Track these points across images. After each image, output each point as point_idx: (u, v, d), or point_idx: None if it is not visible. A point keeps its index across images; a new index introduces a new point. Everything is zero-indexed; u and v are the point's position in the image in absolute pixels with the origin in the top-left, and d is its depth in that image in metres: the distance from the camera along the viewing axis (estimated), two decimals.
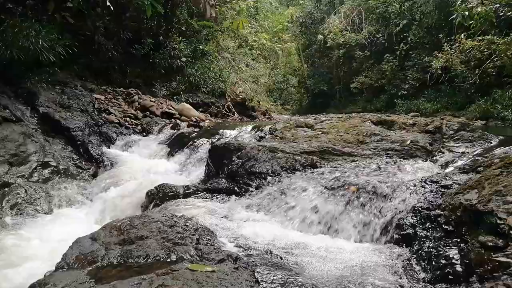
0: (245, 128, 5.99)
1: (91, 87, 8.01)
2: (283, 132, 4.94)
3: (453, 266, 1.90)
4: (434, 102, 19.09)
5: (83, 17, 7.86)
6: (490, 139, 4.28)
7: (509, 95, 13.75)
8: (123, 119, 7.26)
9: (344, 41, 25.24)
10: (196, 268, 1.75)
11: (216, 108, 11.03)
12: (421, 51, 20.86)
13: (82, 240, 2.14)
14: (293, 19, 29.85)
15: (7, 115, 5.40)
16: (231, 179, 3.80)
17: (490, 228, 1.90)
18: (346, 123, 5.08)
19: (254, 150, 3.98)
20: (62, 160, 5.58)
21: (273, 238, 2.52)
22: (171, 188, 3.84)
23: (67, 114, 6.41)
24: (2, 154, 4.87)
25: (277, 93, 31.16)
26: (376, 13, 24.35)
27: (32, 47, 5.65)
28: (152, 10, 7.74)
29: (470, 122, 5.46)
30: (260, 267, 1.98)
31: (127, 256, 1.92)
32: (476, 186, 2.29)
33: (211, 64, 11.97)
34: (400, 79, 22.16)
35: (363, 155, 3.86)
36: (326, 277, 1.95)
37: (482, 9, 10.52)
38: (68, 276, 1.74)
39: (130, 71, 9.80)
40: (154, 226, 2.25)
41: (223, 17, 13.57)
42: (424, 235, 2.27)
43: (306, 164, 3.62)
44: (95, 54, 8.63)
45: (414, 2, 21.31)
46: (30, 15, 6.49)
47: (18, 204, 4.47)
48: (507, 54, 12.66)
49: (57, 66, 6.70)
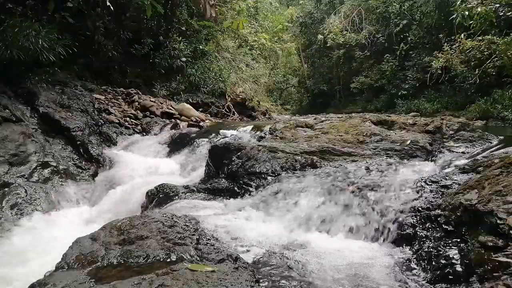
0: (245, 128, 5.99)
1: (91, 87, 8.01)
2: (283, 132, 4.94)
3: (453, 266, 1.90)
4: (434, 102, 19.09)
5: (83, 17, 7.86)
6: (490, 139, 4.28)
7: (509, 95, 13.76)
8: (123, 119, 7.26)
9: (344, 41, 25.26)
10: (196, 268, 1.75)
11: (216, 108, 11.03)
12: (421, 51, 20.87)
13: (82, 240, 2.14)
14: (293, 19, 29.86)
15: (7, 115, 5.40)
16: (231, 179, 3.80)
17: (490, 228, 1.90)
18: (346, 123, 5.08)
19: (254, 150, 3.98)
20: (62, 160, 5.58)
21: (273, 238, 2.52)
22: (171, 188, 3.84)
23: (67, 114, 6.41)
24: (2, 154, 4.87)
25: (277, 93, 31.17)
26: (376, 13, 24.36)
27: (32, 47, 5.64)
28: (152, 10, 7.74)
29: (470, 122, 5.47)
30: (260, 267, 1.98)
31: (127, 256, 1.92)
32: (476, 186, 2.29)
33: (211, 64, 11.97)
34: (400, 79, 22.18)
35: (363, 155, 3.87)
36: (326, 276, 1.95)
37: (482, 9, 10.52)
38: (68, 276, 1.74)
39: (130, 71, 9.79)
40: (154, 226, 2.25)
41: (223, 17, 13.57)
42: (424, 235, 2.27)
43: (306, 164, 3.62)
44: (95, 54, 8.63)
45: (414, 2, 21.32)
46: (30, 15, 6.48)
47: (18, 204, 4.47)
48: (507, 54, 12.67)
49: (57, 66, 6.69)
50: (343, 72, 27.56)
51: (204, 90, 11.02)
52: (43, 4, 6.87)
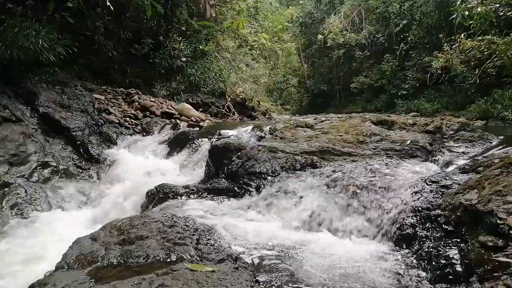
0: (245, 128, 5.99)
1: (91, 87, 8.01)
2: (283, 132, 4.94)
3: (453, 266, 1.90)
4: (434, 102, 19.08)
5: (83, 17, 7.86)
6: (490, 139, 4.28)
7: (509, 95, 13.75)
8: (123, 119, 7.26)
9: (344, 41, 25.24)
10: (196, 268, 1.75)
11: (216, 108, 11.02)
12: (421, 51, 20.86)
13: (82, 240, 2.14)
14: (293, 19, 29.84)
15: (7, 115, 5.40)
16: (231, 179, 3.80)
17: (490, 228, 1.90)
18: (346, 123, 5.08)
19: (254, 150, 3.99)
20: (62, 160, 5.58)
21: (273, 238, 2.52)
22: (171, 188, 3.84)
23: (67, 114, 6.41)
24: (2, 154, 4.87)
25: (277, 93, 31.17)
26: (376, 13, 24.35)
27: (32, 47, 5.65)
28: (152, 10, 7.74)
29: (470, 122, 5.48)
30: (260, 267, 1.98)
31: (127, 256, 1.92)
32: (476, 186, 2.29)
33: (211, 64, 11.96)
34: (400, 79, 22.17)
35: (363, 155, 3.87)
36: (326, 276, 1.95)
37: (482, 9, 10.51)
38: (68, 276, 1.74)
39: (130, 71, 9.79)
40: (154, 226, 2.25)
41: (223, 17, 13.56)
42: (424, 235, 2.27)
43: (306, 164, 3.62)
44: (95, 54, 8.63)
45: (414, 2, 21.31)
46: (30, 15, 6.48)
47: (18, 204, 4.47)
48: (507, 54, 12.66)
49: (57, 66, 6.69)
50: (343, 72, 27.55)
51: (204, 90, 11.01)
52: (43, 4, 6.87)
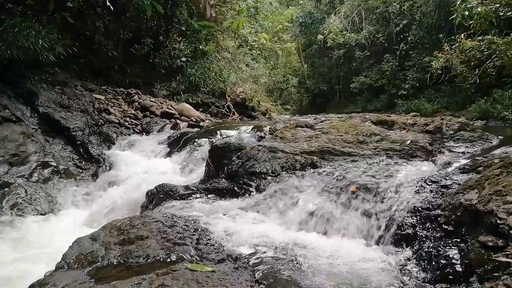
0: (245, 128, 5.99)
1: (91, 87, 8.01)
2: (283, 132, 4.94)
3: (453, 266, 1.90)
4: (434, 102, 19.08)
5: (83, 17, 7.86)
6: (490, 139, 4.29)
7: (509, 95, 13.74)
8: (123, 119, 7.27)
9: (344, 41, 25.25)
10: (196, 268, 1.75)
11: (216, 108, 11.02)
12: (421, 51, 20.85)
13: (82, 240, 2.14)
14: (293, 19, 29.84)
15: (7, 115, 5.40)
16: (231, 179, 3.80)
17: (490, 228, 1.90)
18: (346, 123, 5.08)
19: (254, 150, 3.98)
20: (62, 160, 5.58)
21: (273, 238, 2.52)
22: (171, 188, 3.83)
23: (67, 114, 6.41)
24: (2, 154, 4.87)
25: (277, 93, 31.18)
26: (376, 13, 24.35)
27: (32, 47, 5.64)
28: (152, 10, 7.75)
29: (470, 122, 5.48)
30: (260, 267, 1.98)
31: (127, 256, 1.92)
32: (476, 186, 2.29)
33: (211, 64, 11.96)
34: (400, 79, 22.17)
35: (363, 155, 3.87)
36: (326, 276, 1.95)
37: (482, 9, 10.50)
38: (68, 276, 1.74)
39: (130, 71, 9.79)
40: (154, 226, 2.25)
41: (223, 17, 13.55)
42: (424, 235, 2.27)
43: (306, 164, 3.62)
44: (95, 54, 8.63)
45: (414, 2, 21.31)
46: (30, 15, 6.49)
47: (18, 204, 4.47)
48: (507, 54, 12.65)
49: (57, 66, 6.69)
50: (343, 72, 27.56)
51: (204, 90, 11.01)
52: (43, 4, 6.87)
